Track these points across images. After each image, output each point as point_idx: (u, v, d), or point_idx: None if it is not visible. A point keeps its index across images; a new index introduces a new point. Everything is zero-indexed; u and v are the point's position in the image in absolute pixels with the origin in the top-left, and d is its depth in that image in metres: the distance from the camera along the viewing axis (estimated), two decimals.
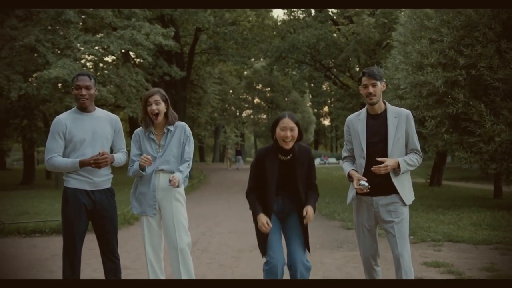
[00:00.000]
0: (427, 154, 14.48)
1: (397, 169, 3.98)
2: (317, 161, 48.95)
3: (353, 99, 24.31)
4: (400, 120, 4.04)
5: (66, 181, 4.17)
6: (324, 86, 44.09)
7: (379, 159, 3.96)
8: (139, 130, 4.48)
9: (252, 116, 54.80)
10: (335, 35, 25.05)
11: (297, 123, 4.00)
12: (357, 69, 25.91)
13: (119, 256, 4.37)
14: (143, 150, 4.41)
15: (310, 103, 58.05)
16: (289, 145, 3.96)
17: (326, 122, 67.74)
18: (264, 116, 53.96)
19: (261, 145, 56.68)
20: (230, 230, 9.44)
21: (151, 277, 4.45)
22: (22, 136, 22.62)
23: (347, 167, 4.22)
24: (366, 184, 3.91)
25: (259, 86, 50.85)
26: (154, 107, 4.30)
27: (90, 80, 4.20)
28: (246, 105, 53.12)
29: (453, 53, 10.32)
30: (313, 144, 67.60)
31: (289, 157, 4.05)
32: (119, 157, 4.33)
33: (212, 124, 44.14)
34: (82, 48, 17.46)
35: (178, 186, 4.26)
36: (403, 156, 4.04)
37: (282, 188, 4.08)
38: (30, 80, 17.89)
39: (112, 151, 4.41)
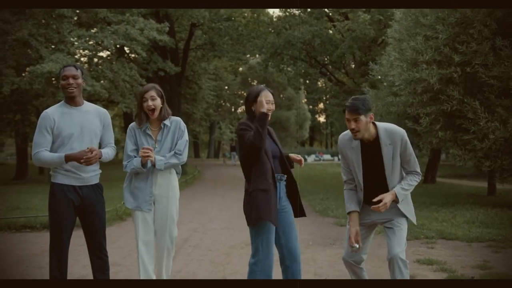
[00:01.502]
0: (421, 151, 14.46)
1: (396, 200, 3.88)
2: (312, 158, 49.01)
3: (348, 96, 24.23)
4: (395, 147, 3.85)
5: (53, 176, 4.10)
6: (319, 83, 44.07)
7: (376, 199, 3.83)
8: (134, 125, 4.41)
9: None
10: (330, 31, 24.98)
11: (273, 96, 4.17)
12: (352, 65, 25.87)
13: (107, 253, 4.31)
14: (139, 146, 4.35)
15: (305, 100, 58.02)
16: (269, 117, 4.04)
17: (321, 119, 67.79)
18: None
19: None
20: (223, 226, 9.39)
21: (142, 276, 4.37)
22: (15, 131, 22.50)
23: (348, 202, 4.04)
24: (357, 246, 3.88)
25: (255, 82, 50.78)
26: (150, 103, 4.26)
27: (77, 70, 4.13)
28: (241, 101, 53.02)
29: (448, 50, 10.28)
30: (308, 141, 67.65)
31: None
32: (107, 152, 4.25)
33: (207, 120, 44.07)
34: (76, 43, 17.32)
35: (153, 165, 4.25)
36: (400, 183, 3.92)
37: (282, 170, 4.09)
38: (23, 75, 17.75)
39: (100, 146, 4.33)
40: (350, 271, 4.13)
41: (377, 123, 3.94)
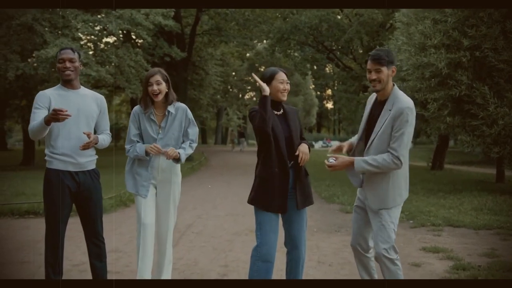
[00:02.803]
0: (429, 137, 14.26)
1: (351, 167, 3.72)
2: (319, 144, 48.88)
3: (356, 82, 24.06)
4: (391, 115, 3.60)
5: (48, 162, 4.00)
6: (327, 69, 43.78)
7: (329, 154, 3.77)
8: (138, 109, 4.32)
9: (254, 99, 54.50)
10: (339, 17, 24.70)
11: (288, 76, 4.06)
12: (360, 51, 25.61)
13: (104, 239, 4.22)
14: (143, 130, 4.29)
15: (312, 86, 57.68)
16: (285, 97, 4.01)
17: (329, 105, 67.47)
18: None
19: None
20: (227, 212, 9.31)
21: (141, 259, 4.24)
22: (21, 117, 22.46)
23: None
24: (332, 160, 3.75)
25: (262, 68, 50.49)
26: (155, 87, 4.18)
27: (74, 53, 4.03)
28: (249, 87, 52.80)
29: (457, 34, 10.08)
30: (315, 127, 67.42)
31: (281, 111, 4.05)
32: (103, 139, 4.14)
33: (214, 106, 43.93)
34: (79, 27, 17.18)
35: (178, 160, 4.21)
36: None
37: (289, 155, 3.93)
38: (29, 60, 17.67)
39: (95, 132, 4.23)
40: (356, 259, 4.03)
41: (397, 88, 3.74)
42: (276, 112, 3.99)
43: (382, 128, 3.65)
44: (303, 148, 3.92)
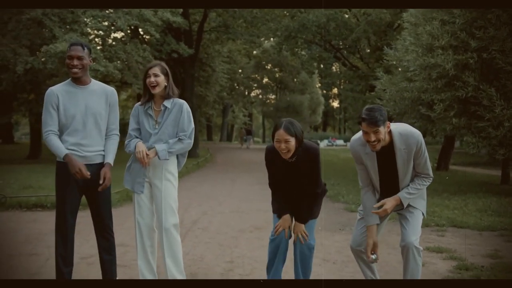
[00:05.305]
0: (435, 138, 14.27)
1: (400, 205, 3.87)
2: (324, 143, 48.81)
3: (362, 81, 24.06)
4: (409, 152, 3.76)
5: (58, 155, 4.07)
6: (334, 68, 43.75)
7: (377, 204, 3.83)
8: (139, 104, 4.36)
9: (260, 96, 54.57)
10: (346, 16, 24.70)
11: (292, 135, 3.83)
12: (367, 50, 25.60)
13: (114, 233, 4.28)
14: (141, 125, 4.30)
15: (319, 84, 57.68)
16: (287, 156, 3.88)
17: (335, 104, 67.40)
18: (273, 96, 53.82)
19: (269, 125, 56.85)
20: (233, 209, 9.37)
21: (140, 258, 4.30)
22: (29, 111, 22.58)
23: (368, 215, 3.93)
24: (374, 257, 3.88)
25: (269, 66, 50.50)
26: (152, 79, 4.17)
27: (84, 50, 4.03)
28: (255, 85, 52.84)
29: (464, 36, 10.09)
30: (321, 126, 67.39)
31: (293, 159, 3.97)
32: (114, 149, 4.24)
33: (220, 103, 43.96)
34: (89, 23, 17.27)
35: (146, 162, 4.12)
36: (406, 187, 3.87)
37: (290, 198, 4.19)
38: (37, 53, 17.77)
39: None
40: (357, 259, 4.08)
41: (391, 127, 3.79)
42: (288, 160, 3.96)
43: (407, 165, 3.82)
44: (299, 228, 4.13)
